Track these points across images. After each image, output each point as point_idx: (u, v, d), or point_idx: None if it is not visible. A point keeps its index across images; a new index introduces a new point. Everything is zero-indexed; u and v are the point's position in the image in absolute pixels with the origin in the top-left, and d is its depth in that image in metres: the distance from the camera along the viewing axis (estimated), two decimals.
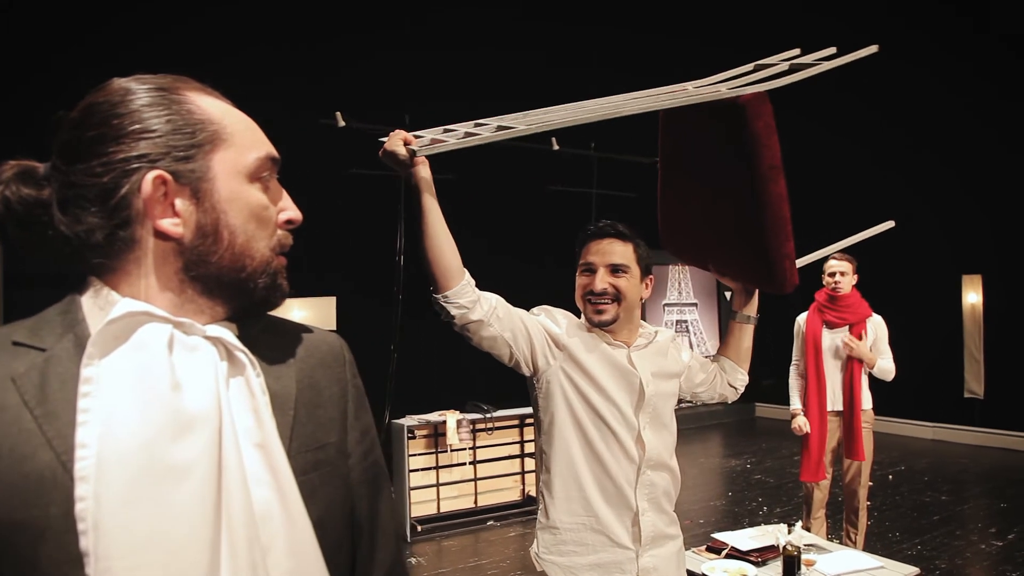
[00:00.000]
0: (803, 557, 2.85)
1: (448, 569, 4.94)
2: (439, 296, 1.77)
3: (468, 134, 1.69)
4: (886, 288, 6.37)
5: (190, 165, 0.81)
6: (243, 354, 0.82)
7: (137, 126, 0.79)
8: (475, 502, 5.99)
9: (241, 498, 0.77)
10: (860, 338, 4.26)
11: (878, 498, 6.25)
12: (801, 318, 4.54)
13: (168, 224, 0.80)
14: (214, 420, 0.77)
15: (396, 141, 1.68)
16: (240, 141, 0.86)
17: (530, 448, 6.21)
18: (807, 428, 4.31)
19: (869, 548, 4.28)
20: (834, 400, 4.36)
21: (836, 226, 2.74)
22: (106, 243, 0.79)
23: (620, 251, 2.01)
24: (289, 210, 0.92)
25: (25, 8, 5.35)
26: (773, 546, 3.04)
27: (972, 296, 8.62)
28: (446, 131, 1.75)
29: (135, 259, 0.81)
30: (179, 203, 0.81)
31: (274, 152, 0.90)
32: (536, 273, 7.43)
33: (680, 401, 2.18)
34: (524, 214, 8.47)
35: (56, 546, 0.70)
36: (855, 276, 4.33)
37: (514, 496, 6.20)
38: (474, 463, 5.98)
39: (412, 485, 5.65)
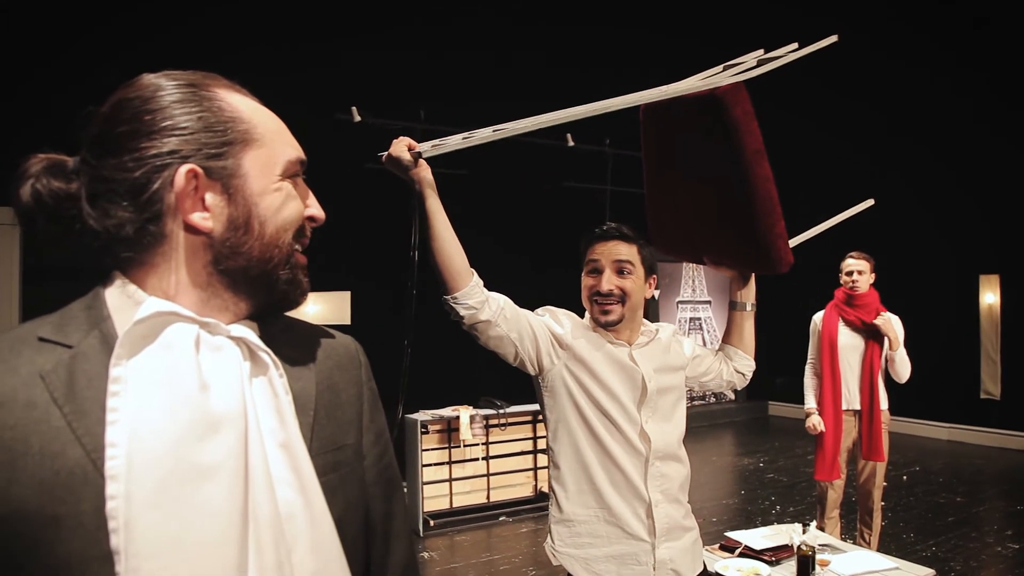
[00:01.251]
0: (817, 557, 2.83)
1: (460, 564, 4.95)
2: (448, 297, 1.82)
3: (466, 137, 1.74)
4: (903, 287, 6.33)
5: (221, 162, 0.82)
6: (266, 354, 0.83)
7: (168, 122, 0.80)
8: (487, 497, 6.00)
9: (267, 498, 0.78)
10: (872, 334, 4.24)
11: (892, 499, 6.21)
12: (817, 317, 4.52)
13: (199, 218, 0.81)
14: (240, 420, 0.78)
15: (400, 147, 1.72)
16: (270, 142, 0.87)
17: (543, 444, 6.21)
18: (821, 427, 4.28)
19: (883, 549, 4.25)
20: (850, 399, 4.33)
21: (853, 224, 2.72)
22: (136, 237, 0.80)
23: (625, 252, 2.06)
24: (313, 208, 0.93)
25: (29, 5, 5.39)
26: (787, 545, 3.03)
27: (989, 296, 8.54)
28: (441, 142, 1.80)
29: (164, 253, 0.81)
30: (209, 197, 0.81)
31: (302, 155, 0.91)
32: (549, 269, 7.41)
33: (691, 394, 2.19)
34: (538, 210, 8.46)
35: (87, 543, 0.70)
36: (872, 275, 4.30)
37: (526, 492, 6.20)
38: (487, 459, 5.99)
39: (425, 480, 5.67)
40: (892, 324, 4.18)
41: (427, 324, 7.09)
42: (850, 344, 4.32)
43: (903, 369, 4.24)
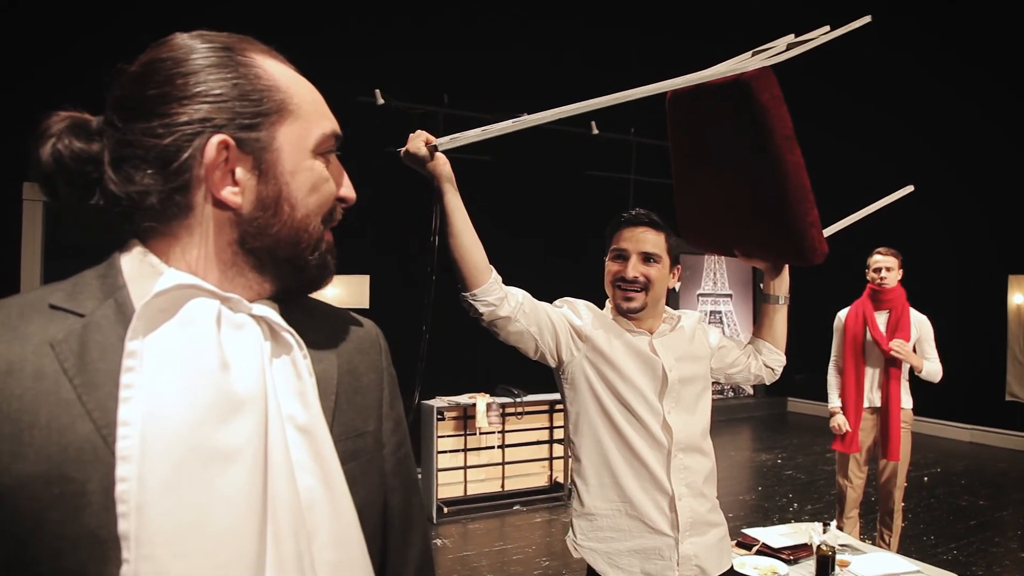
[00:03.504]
0: (837, 558, 2.78)
1: (473, 552, 4.94)
2: (466, 294, 1.80)
3: (485, 130, 1.70)
4: (931, 287, 6.22)
5: (255, 134, 0.77)
6: (290, 335, 0.79)
7: (202, 87, 0.75)
8: (502, 486, 5.99)
9: (287, 485, 0.74)
10: (895, 332, 4.17)
11: (913, 500, 6.12)
12: (842, 314, 4.46)
13: (228, 193, 0.76)
14: (261, 402, 0.73)
15: (416, 141, 1.68)
16: (306, 113, 0.82)
17: (559, 434, 6.19)
18: (847, 427, 4.23)
19: (903, 550, 4.19)
20: (872, 397, 4.28)
21: (881, 221, 2.65)
22: (160, 207, 0.75)
23: (652, 240, 2.02)
24: (345, 188, 0.88)
25: None
26: (806, 544, 2.98)
27: (1018, 297, 8.38)
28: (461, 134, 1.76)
29: (188, 226, 0.77)
30: (240, 172, 0.77)
31: (338, 128, 0.86)
32: (571, 256, 7.37)
33: (716, 384, 2.16)
34: (561, 197, 8.40)
35: (95, 523, 0.67)
36: (901, 271, 4.24)
37: (541, 481, 6.18)
38: (502, 447, 5.97)
39: (440, 467, 5.66)
40: (909, 353, 4.13)
41: (446, 309, 7.09)
42: (873, 341, 4.26)
43: (932, 377, 4.20)
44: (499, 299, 1.81)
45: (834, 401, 4.38)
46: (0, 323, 0.71)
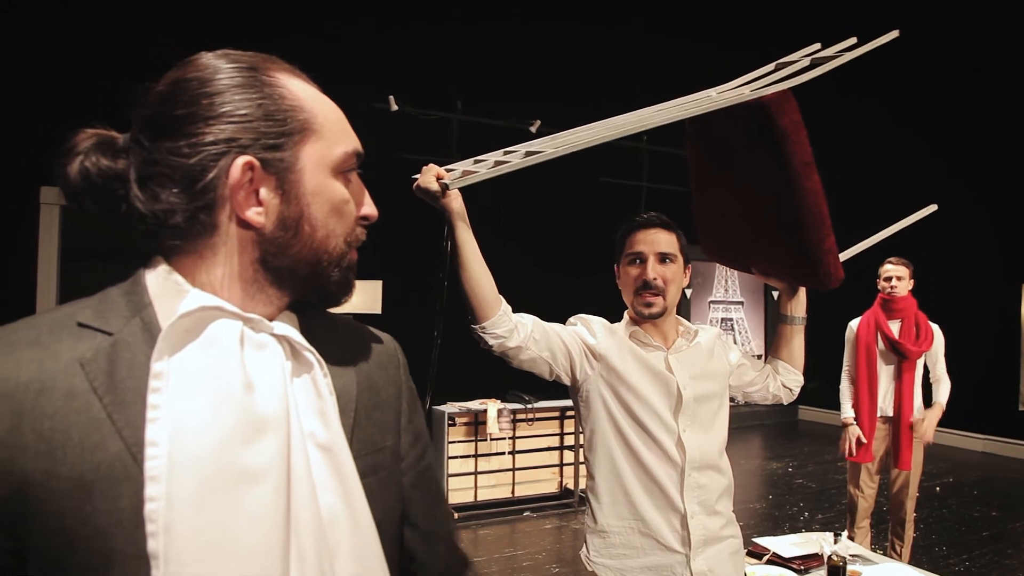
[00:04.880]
0: (848, 568, 2.77)
1: (483, 558, 4.94)
2: (476, 327, 1.81)
3: (498, 163, 1.70)
4: (944, 296, 6.19)
5: (279, 154, 0.78)
6: (310, 354, 0.80)
7: (228, 108, 0.76)
8: (512, 492, 6.00)
9: (309, 504, 0.76)
10: (917, 337, 4.18)
11: (924, 510, 6.08)
12: (853, 323, 4.45)
13: (252, 213, 0.78)
14: (284, 422, 0.75)
15: (429, 177, 1.70)
16: (329, 133, 0.83)
17: (569, 440, 6.19)
18: (857, 439, 4.23)
19: (914, 561, 4.17)
20: (884, 407, 4.27)
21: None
22: (185, 225, 0.76)
23: (666, 240, 2.02)
24: (367, 206, 0.90)
25: None
26: (816, 554, 2.96)
27: None
28: (476, 162, 1.76)
29: (211, 245, 0.78)
30: (263, 192, 0.78)
31: (360, 147, 0.87)
32: (584, 264, 7.37)
33: (732, 401, 2.15)
34: (573, 204, 8.41)
35: (125, 541, 0.68)
36: (911, 281, 4.24)
37: (551, 488, 6.18)
38: (513, 453, 5.97)
39: (450, 472, 5.68)
40: (927, 430, 4.18)
41: (458, 315, 7.09)
42: (886, 351, 4.26)
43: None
44: (508, 331, 1.81)
45: (847, 411, 4.36)
46: (31, 342, 0.72)
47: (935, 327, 4.26)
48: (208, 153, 0.75)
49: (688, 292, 10.21)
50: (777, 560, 2.98)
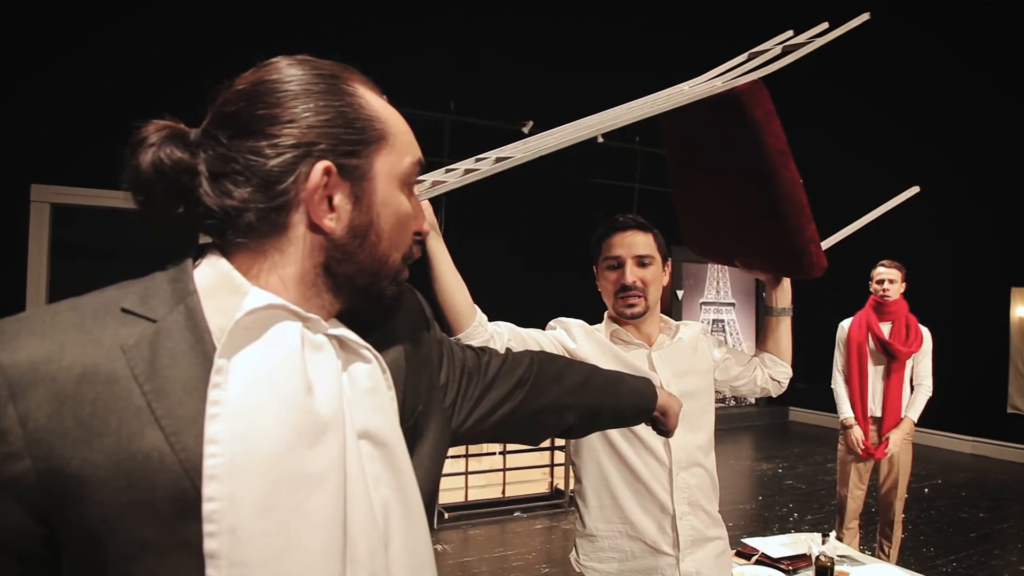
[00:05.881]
0: (836, 569, 2.79)
1: (474, 558, 4.94)
2: (452, 338, 1.79)
3: (468, 171, 1.69)
4: (934, 298, 6.22)
5: (355, 161, 0.79)
6: (368, 351, 0.81)
7: (309, 112, 0.77)
8: (503, 492, 5.99)
9: (363, 506, 0.76)
10: (907, 338, 4.21)
11: (913, 511, 6.12)
12: (845, 324, 4.48)
13: (327, 218, 0.78)
14: (341, 425, 0.75)
15: None
16: (400, 144, 0.85)
17: (560, 441, 6.19)
18: (862, 439, 4.26)
19: (902, 562, 4.20)
20: (874, 407, 4.31)
21: (885, 232, 2.66)
22: (256, 223, 0.77)
23: (643, 242, 2.01)
24: (421, 220, 0.91)
25: None
26: (805, 555, 2.98)
27: (1021, 309, 8.37)
28: (448, 171, 1.75)
29: (278, 246, 0.78)
30: (338, 198, 0.79)
31: (422, 157, 0.89)
32: (574, 263, 7.38)
33: (718, 393, 2.15)
34: (565, 205, 8.42)
35: (165, 531, 0.68)
36: (903, 284, 4.27)
37: (542, 488, 6.18)
38: (503, 453, 5.97)
39: (441, 472, 5.65)
40: (891, 445, 4.22)
41: None
42: (876, 352, 4.30)
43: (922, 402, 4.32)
44: (484, 341, 1.80)
45: (847, 411, 4.37)
46: (74, 324, 0.72)
47: (924, 329, 4.29)
48: (289, 155, 0.76)
49: (680, 293, 10.24)
50: (766, 560, 2.99)
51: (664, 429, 1.43)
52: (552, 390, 1.20)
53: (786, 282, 2.24)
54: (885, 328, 4.28)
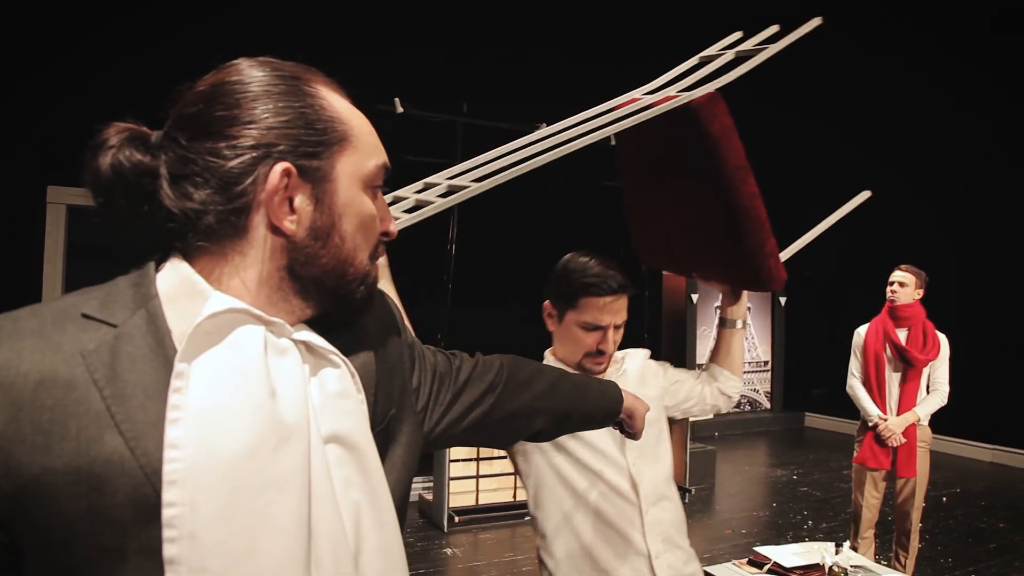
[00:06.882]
0: None
1: (483, 562, 4.92)
2: None
3: (445, 193, 1.66)
4: (953, 305, 6.15)
5: (316, 163, 0.79)
6: (336, 356, 0.80)
7: (269, 114, 0.77)
8: (514, 496, 5.97)
9: (330, 510, 0.75)
10: (924, 345, 4.15)
11: (930, 520, 6.02)
12: (861, 330, 4.43)
13: (286, 220, 0.78)
14: (305, 430, 0.74)
15: None
16: (363, 146, 0.84)
17: None
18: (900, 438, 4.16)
19: (919, 574, 4.13)
20: (891, 415, 4.24)
21: (903, 238, 2.62)
22: (216, 226, 0.76)
23: (623, 306, 1.87)
24: (387, 222, 0.90)
25: None
26: (818, 565, 2.94)
27: None
28: (395, 199, 1.70)
29: (239, 249, 0.78)
30: (298, 199, 0.78)
31: (388, 161, 0.88)
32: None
33: (671, 421, 2.08)
34: (576, 207, 8.39)
35: (126, 536, 0.67)
36: (919, 290, 4.22)
37: None
38: None
39: (452, 475, 5.66)
40: (892, 425, 4.16)
41: (461, 318, 7.10)
42: (893, 359, 4.24)
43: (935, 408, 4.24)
44: None
45: (874, 409, 4.25)
46: (34, 331, 0.71)
47: (942, 336, 4.23)
48: (249, 156, 0.76)
49: (695, 298, 10.18)
50: (778, 570, 2.95)
51: (631, 432, 1.43)
52: (522, 395, 1.19)
53: (744, 296, 2.18)
54: (902, 335, 4.22)
